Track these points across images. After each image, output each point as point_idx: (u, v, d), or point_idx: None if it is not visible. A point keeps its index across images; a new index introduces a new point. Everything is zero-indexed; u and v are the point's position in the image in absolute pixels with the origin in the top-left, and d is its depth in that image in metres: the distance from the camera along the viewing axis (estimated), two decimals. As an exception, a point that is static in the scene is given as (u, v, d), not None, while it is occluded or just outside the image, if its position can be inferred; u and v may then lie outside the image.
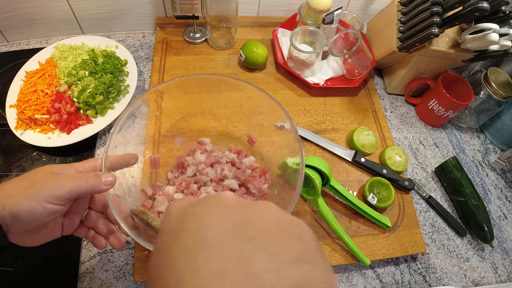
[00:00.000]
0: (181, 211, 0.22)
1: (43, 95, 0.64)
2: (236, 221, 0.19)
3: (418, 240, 0.60)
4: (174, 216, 0.22)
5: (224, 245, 0.17)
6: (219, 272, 0.16)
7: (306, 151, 0.68)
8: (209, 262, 0.17)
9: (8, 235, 0.33)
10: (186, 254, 0.18)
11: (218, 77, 0.55)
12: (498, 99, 0.71)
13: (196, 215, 0.20)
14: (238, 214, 0.20)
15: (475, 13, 0.55)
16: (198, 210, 0.21)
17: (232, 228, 0.19)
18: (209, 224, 0.19)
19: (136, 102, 0.49)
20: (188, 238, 0.18)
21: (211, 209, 0.20)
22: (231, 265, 0.16)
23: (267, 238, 0.18)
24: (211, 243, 0.18)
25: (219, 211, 0.20)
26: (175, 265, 0.18)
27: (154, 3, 0.78)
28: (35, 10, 0.73)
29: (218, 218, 0.19)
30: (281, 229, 0.19)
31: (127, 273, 0.53)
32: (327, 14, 0.70)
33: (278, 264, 0.16)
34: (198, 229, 0.19)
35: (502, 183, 0.74)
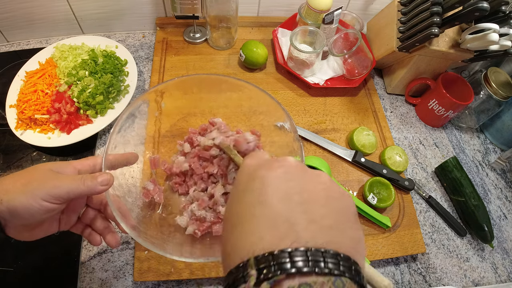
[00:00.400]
0: (251, 170, 0.26)
1: (43, 95, 0.64)
2: (290, 186, 0.23)
3: (418, 240, 0.60)
4: (245, 173, 0.26)
5: (278, 206, 0.22)
6: (269, 224, 0.21)
7: (306, 151, 0.68)
8: (263, 215, 0.22)
9: (5, 229, 0.34)
10: (250, 206, 0.23)
11: (218, 77, 0.55)
12: (498, 99, 0.71)
13: (261, 177, 0.24)
14: (293, 181, 0.24)
15: (475, 13, 0.55)
16: (263, 172, 0.25)
17: (287, 191, 0.23)
18: (270, 186, 0.23)
19: (136, 102, 0.49)
20: (252, 195, 0.23)
21: (272, 172, 0.24)
22: (279, 220, 0.21)
23: (312, 205, 0.22)
24: (267, 201, 0.22)
25: (280, 175, 0.24)
26: (241, 213, 0.23)
27: (154, 3, 0.78)
28: (35, 10, 0.73)
29: (276, 181, 0.24)
30: (327, 199, 0.23)
31: (127, 273, 0.53)
32: (327, 14, 0.70)
33: (316, 226, 0.21)
34: (260, 189, 0.23)
35: (502, 183, 0.74)
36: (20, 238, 0.36)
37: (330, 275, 0.18)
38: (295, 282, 0.18)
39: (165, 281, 0.53)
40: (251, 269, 0.19)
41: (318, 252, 0.19)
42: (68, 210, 0.40)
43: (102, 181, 0.35)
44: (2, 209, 0.31)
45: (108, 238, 0.41)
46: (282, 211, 0.21)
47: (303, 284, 0.18)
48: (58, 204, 0.34)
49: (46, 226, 0.38)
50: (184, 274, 0.52)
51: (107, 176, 0.36)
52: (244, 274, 0.19)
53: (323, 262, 0.18)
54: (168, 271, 0.52)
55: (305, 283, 0.18)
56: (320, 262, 0.18)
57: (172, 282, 0.53)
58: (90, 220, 0.42)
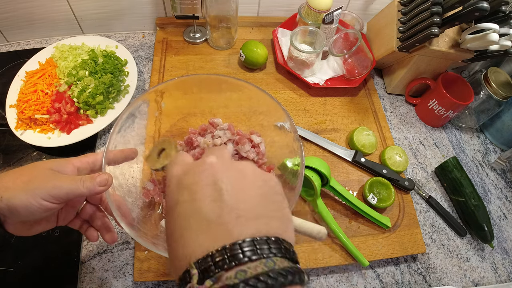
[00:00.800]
0: (178, 181, 0.27)
1: (43, 95, 0.64)
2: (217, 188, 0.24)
3: (418, 240, 0.60)
4: (173, 183, 0.27)
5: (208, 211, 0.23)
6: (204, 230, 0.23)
7: (306, 151, 0.68)
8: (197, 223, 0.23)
9: (4, 225, 0.34)
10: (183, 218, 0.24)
11: (218, 77, 0.55)
12: (498, 99, 0.71)
13: (189, 187, 0.25)
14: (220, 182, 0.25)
15: (475, 13, 0.55)
16: (188, 179, 0.26)
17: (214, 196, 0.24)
18: (197, 194, 0.24)
19: (136, 102, 0.49)
20: (184, 206, 0.25)
21: (197, 178, 0.26)
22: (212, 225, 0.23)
23: (238, 202, 0.24)
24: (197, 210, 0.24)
25: (205, 180, 0.25)
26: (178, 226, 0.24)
27: (154, 3, 0.78)
28: (35, 10, 0.73)
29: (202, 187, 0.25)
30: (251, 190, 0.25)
31: (127, 273, 0.53)
32: (327, 14, 0.70)
33: (244, 220, 0.23)
34: (190, 200, 0.25)
35: (502, 183, 0.74)
36: (18, 233, 0.36)
37: (262, 258, 0.21)
38: (233, 272, 0.20)
39: (165, 281, 0.53)
40: (192, 270, 0.21)
41: (250, 242, 0.21)
42: (67, 206, 0.40)
43: (100, 182, 0.35)
44: (1, 206, 0.32)
45: (105, 234, 0.42)
46: (213, 215, 0.23)
47: (239, 271, 0.20)
48: (57, 204, 0.34)
49: (45, 222, 0.38)
50: (184, 274, 0.52)
51: (105, 177, 0.36)
52: (188, 277, 0.21)
53: (255, 250, 0.21)
54: (168, 271, 0.52)
55: (241, 270, 0.20)
56: (254, 250, 0.21)
57: (172, 282, 0.53)
58: (88, 216, 0.42)
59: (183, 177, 0.27)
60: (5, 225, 0.34)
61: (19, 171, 0.34)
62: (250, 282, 0.19)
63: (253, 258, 0.21)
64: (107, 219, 0.43)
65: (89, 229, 0.42)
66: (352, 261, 0.56)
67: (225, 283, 0.20)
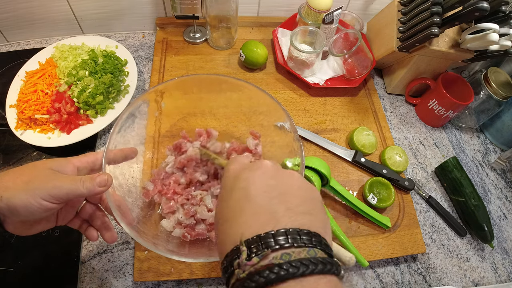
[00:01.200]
0: (236, 173, 0.31)
1: (43, 95, 0.64)
2: (269, 183, 0.28)
3: (418, 240, 0.60)
4: (231, 176, 0.31)
5: (261, 200, 0.27)
6: (255, 214, 0.26)
7: (306, 151, 0.68)
8: (249, 207, 0.27)
9: (4, 224, 0.34)
10: (238, 202, 0.28)
11: (218, 77, 0.55)
12: (498, 99, 0.71)
13: (244, 178, 0.29)
14: (271, 179, 0.29)
15: (475, 13, 0.55)
16: (247, 174, 0.30)
17: (267, 188, 0.28)
18: (253, 185, 0.28)
19: (136, 102, 0.49)
20: (239, 192, 0.28)
21: (254, 173, 0.29)
22: (262, 211, 0.26)
23: (287, 196, 0.27)
24: (252, 197, 0.27)
25: (259, 175, 0.29)
26: (231, 208, 0.28)
27: (154, 3, 0.79)
28: (35, 10, 0.73)
29: (258, 180, 0.29)
30: (299, 191, 0.28)
31: (127, 273, 0.53)
32: (327, 14, 0.70)
33: (292, 213, 0.26)
34: (246, 188, 0.28)
35: (502, 183, 0.74)
36: (18, 233, 0.36)
37: (305, 246, 0.23)
38: (278, 253, 0.23)
39: (165, 281, 0.53)
40: (242, 247, 0.24)
41: (294, 231, 0.24)
42: (66, 206, 0.40)
43: (100, 182, 0.36)
44: (1, 205, 0.32)
45: (105, 234, 0.42)
46: (264, 203, 0.26)
47: (284, 254, 0.22)
48: (57, 204, 0.34)
49: (44, 222, 0.38)
50: (184, 274, 0.52)
51: (105, 177, 0.36)
52: (237, 253, 0.24)
53: (299, 238, 0.23)
54: (168, 271, 0.52)
55: (286, 253, 0.22)
56: (297, 238, 0.23)
57: (172, 282, 0.53)
58: (88, 216, 0.42)
59: (241, 171, 0.30)
60: (4, 225, 0.34)
61: (19, 170, 0.34)
62: (293, 263, 0.21)
63: (299, 245, 0.23)
64: (107, 218, 0.43)
65: (89, 229, 0.42)
66: (352, 261, 0.56)
67: (271, 261, 0.22)
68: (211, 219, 0.50)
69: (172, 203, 0.51)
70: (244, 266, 0.23)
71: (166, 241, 0.47)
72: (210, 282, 0.54)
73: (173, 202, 0.51)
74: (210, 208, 0.50)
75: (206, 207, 0.50)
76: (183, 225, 0.50)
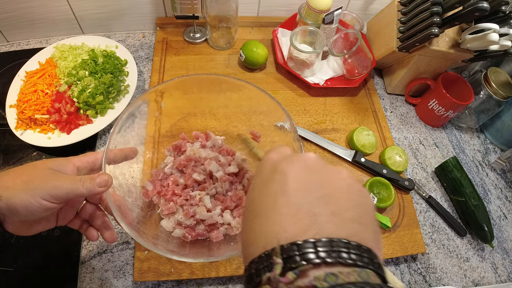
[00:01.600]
0: (273, 162, 0.26)
1: (43, 95, 0.64)
2: (311, 179, 0.24)
3: (418, 240, 0.60)
4: (267, 166, 0.26)
5: (300, 198, 0.22)
6: (293, 215, 0.21)
7: (306, 151, 0.68)
8: (286, 205, 0.22)
9: (4, 224, 0.34)
10: (272, 196, 0.23)
11: (218, 77, 0.55)
12: (498, 99, 0.71)
13: (283, 169, 0.24)
14: (314, 174, 0.24)
15: (475, 13, 0.55)
16: (285, 164, 0.25)
17: (308, 184, 0.23)
18: (291, 178, 0.23)
19: (136, 102, 0.49)
20: (275, 185, 0.24)
21: (294, 166, 0.25)
22: (302, 211, 0.21)
23: (333, 198, 0.22)
24: (290, 192, 0.23)
25: (301, 168, 0.24)
26: (264, 202, 0.24)
27: (154, 3, 0.78)
28: (35, 10, 0.73)
29: (298, 174, 0.24)
30: (349, 193, 0.23)
31: (127, 273, 0.53)
32: (327, 14, 0.70)
33: (338, 219, 0.21)
34: (283, 180, 0.24)
35: (502, 183, 0.74)
36: (18, 233, 0.36)
37: (355, 266, 0.18)
38: (321, 272, 0.18)
39: (165, 281, 0.53)
40: (276, 258, 0.19)
41: (341, 243, 0.19)
42: (66, 206, 0.40)
43: (100, 183, 0.36)
44: (1, 205, 0.32)
45: (105, 234, 0.42)
46: (304, 202, 0.22)
47: (329, 274, 0.17)
48: (57, 203, 0.34)
49: (44, 222, 0.38)
50: (184, 274, 0.52)
51: (105, 177, 0.36)
52: (268, 263, 0.19)
53: (346, 253, 0.18)
54: (168, 271, 0.52)
55: (331, 273, 0.18)
56: (344, 253, 0.18)
57: (172, 282, 0.53)
58: (88, 216, 0.42)
59: (280, 162, 0.26)
60: (4, 224, 0.34)
61: (19, 170, 0.34)
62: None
63: (347, 263, 0.18)
64: (107, 218, 0.43)
65: (89, 229, 0.42)
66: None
67: (312, 283, 0.17)
68: (210, 219, 0.50)
69: (171, 204, 0.51)
70: (277, 282, 0.18)
71: (166, 241, 0.47)
72: (210, 282, 0.54)
73: (172, 203, 0.51)
74: (209, 208, 0.50)
75: (205, 207, 0.50)
76: (184, 225, 0.50)
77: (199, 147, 0.56)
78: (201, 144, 0.58)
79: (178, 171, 0.55)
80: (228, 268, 0.53)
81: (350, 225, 0.21)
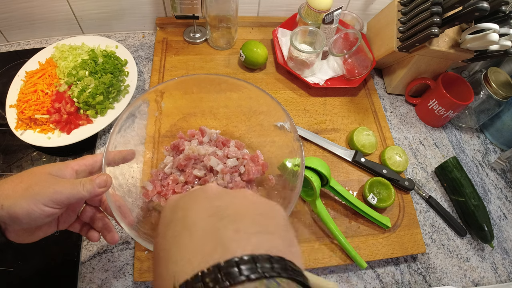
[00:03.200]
0: (173, 203, 0.26)
1: (43, 95, 0.64)
2: (215, 205, 0.23)
3: (418, 240, 0.60)
4: (169, 209, 0.26)
5: (203, 226, 0.22)
6: (196, 245, 0.20)
7: (306, 151, 0.68)
8: (190, 240, 0.21)
9: (6, 233, 0.34)
10: (175, 237, 0.22)
11: (218, 77, 0.55)
12: (498, 99, 0.71)
13: (184, 206, 0.24)
14: (217, 201, 0.24)
15: (475, 13, 0.55)
16: (185, 200, 0.25)
17: (211, 211, 0.23)
18: (192, 211, 0.23)
19: (136, 102, 0.49)
20: (177, 225, 0.23)
21: (195, 199, 0.24)
22: (206, 238, 0.21)
23: (237, 217, 0.22)
24: (191, 225, 0.22)
25: (202, 200, 0.24)
26: (168, 246, 0.22)
27: (154, 3, 0.78)
28: (35, 10, 0.73)
29: (200, 205, 0.24)
30: (253, 209, 0.23)
31: (127, 273, 0.53)
32: (327, 14, 0.70)
33: (242, 235, 0.20)
34: (183, 216, 0.23)
35: (502, 183, 0.74)
36: (20, 241, 0.36)
37: (264, 278, 0.18)
38: None
39: (165, 281, 0.53)
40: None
41: (249, 258, 0.18)
42: (67, 210, 0.40)
43: (100, 183, 0.35)
44: (2, 214, 0.31)
45: (107, 236, 0.42)
46: (208, 228, 0.21)
47: None
48: (58, 208, 0.34)
49: (45, 227, 0.38)
50: (184, 274, 0.52)
51: (104, 177, 0.36)
52: None
53: (254, 267, 0.18)
54: None
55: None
56: (252, 268, 0.18)
57: (172, 282, 0.53)
58: (89, 219, 0.42)
59: (179, 199, 0.26)
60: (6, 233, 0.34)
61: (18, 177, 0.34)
62: None
63: (252, 277, 0.18)
64: (107, 219, 0.43)
65: (90, 231, 0.42)
66: (351, 261, 0.56)
67: None
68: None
69: None
70: None
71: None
72: (210, 282, 0.54)
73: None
74: None
75: None
76: None
77: (197, 145, 0.57)
78: (199, 141, 0.58)
79: (178, 170, 0.55)
80: (228, 268, 0.53)
81: (255, 238, 0.20)
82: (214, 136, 0.58)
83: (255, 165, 0.55)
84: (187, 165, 0.54)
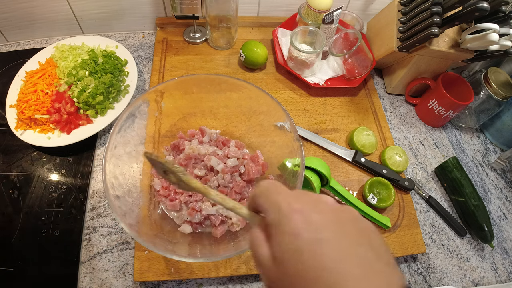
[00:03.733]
0: (293, 238, 0.21)
1: (43, 95, 0.64)
2: (348, 232, 0.22)
3: (418, 240, 0.60)
4: (286, 243, 0.21)
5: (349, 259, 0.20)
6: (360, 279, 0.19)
7: (306, 151, 0.68)
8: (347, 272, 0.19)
9: None
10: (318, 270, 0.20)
11: (218, 77, 0.55)
12: (498, 99, 0.71)
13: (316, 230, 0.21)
14: (347, 226, 0.22)
15: (475, 13, 0.55)
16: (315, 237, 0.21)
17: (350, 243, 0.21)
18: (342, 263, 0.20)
19: (136, 102, 0.49)
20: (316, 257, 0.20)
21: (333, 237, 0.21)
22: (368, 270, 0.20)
23: (374, 247, 0.21)
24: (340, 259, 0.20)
25: (341, 237, 0.21)
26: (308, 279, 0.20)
27: (154, 3, 0.79)
28: (35, 10, 0.73)
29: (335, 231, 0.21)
30: (374, 238, 0.22)
31: (127, 273, 0.53)
32: (327, 14, 0.70)
33: (389, 269, 0.21)
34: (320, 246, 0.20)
35: (502, 183, 0.74)
36: None
37: None
38: None
39: (165, 281, 0.53)
40: None
41: None
42: None
43: None
44: None
45: None
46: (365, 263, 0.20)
47: None
48: None
49: None
50: (184, 274, 0.52)
51: None
52: None
53: None
54: (168, 271, 0.52)
55: None
56: None
57: (172, 282, 0.53)
58: None
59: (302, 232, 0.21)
60: None
61: None
62: None
63: None
64: None
65: None
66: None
67: None
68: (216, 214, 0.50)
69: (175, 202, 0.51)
70: None
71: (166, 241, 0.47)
72: (210, 282, 0.54)
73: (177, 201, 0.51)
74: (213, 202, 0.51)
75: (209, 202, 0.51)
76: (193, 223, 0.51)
77: (197, 144, 0.57)
78: (199, 141, 0.58)
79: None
80: (228, 268, 0.53)
81: (390, 270, 0.20)
82: (214, 136, 0.58)
83: (255, 165, 0.55)
84: (187, 165, 0.54)
